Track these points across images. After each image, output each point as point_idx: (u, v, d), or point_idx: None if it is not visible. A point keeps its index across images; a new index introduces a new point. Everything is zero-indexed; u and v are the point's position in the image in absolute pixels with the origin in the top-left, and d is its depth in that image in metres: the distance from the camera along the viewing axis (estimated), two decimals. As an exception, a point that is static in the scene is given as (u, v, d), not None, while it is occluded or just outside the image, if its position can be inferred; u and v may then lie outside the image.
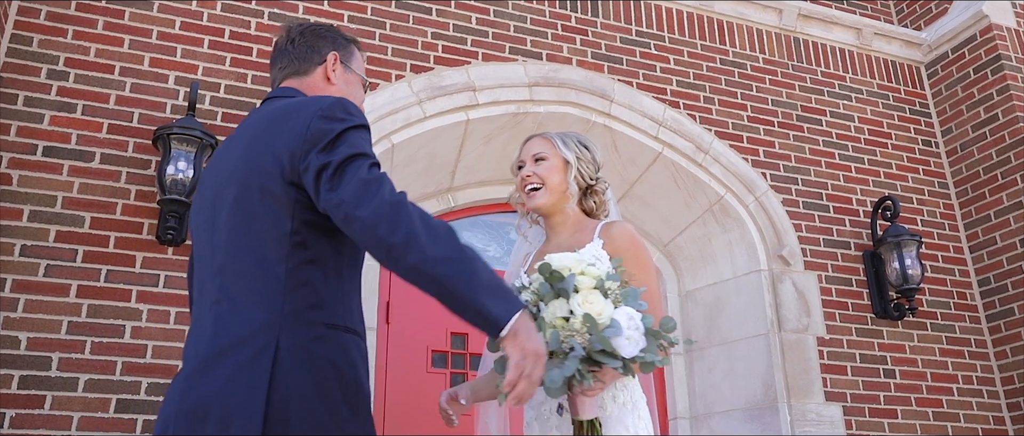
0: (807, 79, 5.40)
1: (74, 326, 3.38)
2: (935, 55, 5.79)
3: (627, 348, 1.82)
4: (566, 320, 1.83)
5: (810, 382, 4.57)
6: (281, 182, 1.70)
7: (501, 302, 1.59)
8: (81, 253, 3.49)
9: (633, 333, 1.83)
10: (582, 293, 1.86)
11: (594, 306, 1.83)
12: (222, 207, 1.78)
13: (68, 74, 3.72)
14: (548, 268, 1.88)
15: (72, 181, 3.57)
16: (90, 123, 3.68)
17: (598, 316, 1.81)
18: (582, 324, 1.81)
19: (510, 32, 4.69)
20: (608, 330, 1.80)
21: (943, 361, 4.98)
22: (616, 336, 1.80)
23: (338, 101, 1.77)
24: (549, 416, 2.07)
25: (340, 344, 1.68)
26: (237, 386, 1.56)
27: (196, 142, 3.55)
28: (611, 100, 4.76)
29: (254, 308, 1.65)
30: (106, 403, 3.33)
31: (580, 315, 1.82)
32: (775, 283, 4.74)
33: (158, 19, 3.97)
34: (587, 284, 1.87)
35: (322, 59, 2.02)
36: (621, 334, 1.80)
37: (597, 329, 1.80)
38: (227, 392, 1.57)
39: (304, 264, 1.68)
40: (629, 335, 1.82)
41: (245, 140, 1.84)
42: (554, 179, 2.28)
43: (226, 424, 1.54)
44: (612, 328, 1.80)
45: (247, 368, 1.58)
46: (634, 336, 1.83)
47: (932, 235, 5.29)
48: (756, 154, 5.02)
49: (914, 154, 5.52)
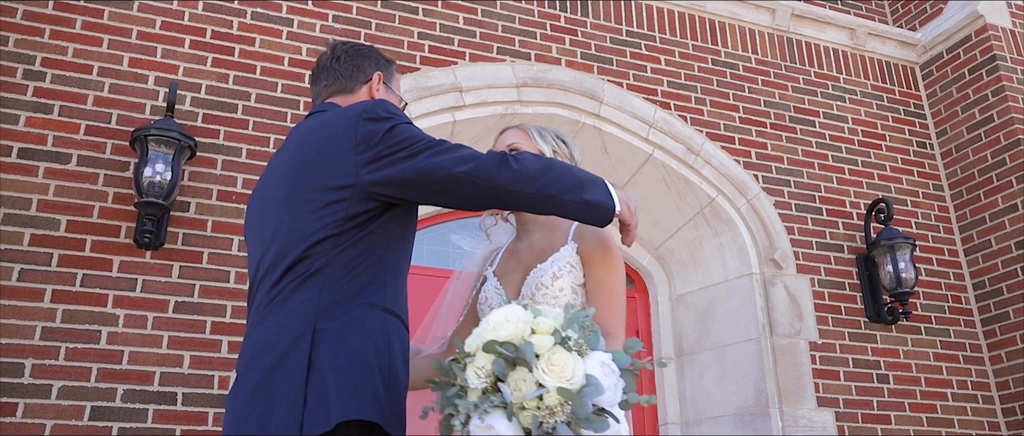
0: (800, 80, 5.34)
1: (48, 332, 3.31)
2: (930, 56, 5.73)
3: (610, 400, 1.57)
4: (540, 399, 1.53)
5: (802, 387, 4.51)
6: (328, 186, 1.78)
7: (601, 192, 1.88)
8: (56, 257, 3.42)
9: (612, 381, 1.59)
10: (544, 357, 1.55)
11: (563, 370, 1.54)
12: (271, 216, 1.87)
13: (45, 74, 3.65)
14: (494, 345, 1.56)
15: (48, 183, 3.50)
16: (67, 124, 3.61)
17: (571, 382, 1.53)
18: (559, 401, 1.52)
19: (498, 32, 4.62)
20: (587, 390, 1.54)
21: (937, 366, 4.91)
22: (598, 396, 1.55)
23: (378, 102, 1.86)
24: None
25: (376, 321, 1.73)
26: (278, 377, 1.63)
27: (174, 144, 3.48)
28: (601, 101, 4.70)
29: (298, 305, 1.71)
30: (80, 411, 3.26)
31: (553, 389, 1.52)
32: (767, 287, 4.67)
33: (138, 18, 3.90)
34: (546, 344, 1.57)
35: (367, 78, 2.09)
36: (603, 392, 1.55)
37: (578, 399, 1.52)
38: (270, 384, 1.63)
39: (349, 260, 1.76)
40: (610, 385, 1.57)
41: (291, 151, 1.92)
42: None
43: (267, 416, 1.59)
44: (591, 388, 1.54)
45: (287, 360, 1.64)
46: (613, 384, 1.59)
47: (926, 238, 5.23)
48: (748, 156, 4.95)
49: (908, 156, 5.46)
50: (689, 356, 4.88)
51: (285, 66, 4.08)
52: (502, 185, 1.78)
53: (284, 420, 1.58)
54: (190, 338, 3.49)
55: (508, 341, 1.57)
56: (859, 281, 4.91)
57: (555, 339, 1.58)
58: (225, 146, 3.83)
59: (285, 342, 1.66)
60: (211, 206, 3.72)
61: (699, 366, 4.81)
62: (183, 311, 3.52)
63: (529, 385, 1.54)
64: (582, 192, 1.86)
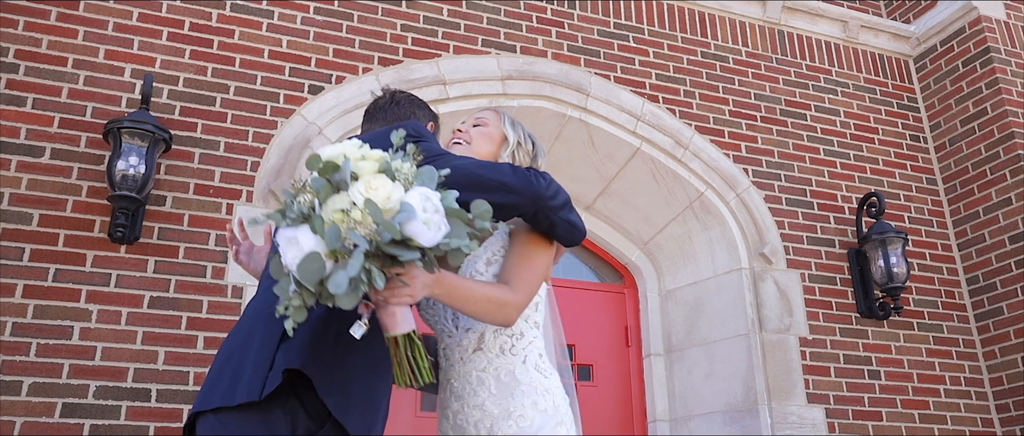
0: (791, 73, 5.27)
1: (19, 327, 3.26)
2: (924, 48, 5.66)
3: (425, 235, 1.50)
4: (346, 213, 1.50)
5: (792, 384, 4.44)
6: None
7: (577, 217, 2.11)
8: (28, 251, 3.36)
9: (432, 216, 1.52)
10: (363, 179, 1.53)
11: (379, 192, 1.50)
12: None
13: (18, 66, 3.59)
14: (317, 160, 1.54)
15: (20, 177, 3.44)
16: (40, 117, 3.55)
17: (384, 201, 1.49)
18: (364, 213, 1.48)
19: (483, 24, 4.56)
20: (399, 216, 1.48)
21: (930, 362, 4.85)
22: (409, 221, 1.49)
23: (413, 123, 2.06)
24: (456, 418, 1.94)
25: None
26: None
27: (148, 136, 3.42)
28: (588, 94, 4.64)
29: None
30: (51, 407, 3.21)
31: (361, 203, 1.49)
32: (756, 282, 4.61)
33: (114, 10, 3.84)
34: (369, 168, 1.55)
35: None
36: (415, 217, 1.49)
37: (383, 216, 1.47)
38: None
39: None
40: (427, 219, 1.51)
41: None
42: (483, 146, 2.14)
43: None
44: (403, 213, 1.49)
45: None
46: (433, 220, 1.52)
47: (919, 232, 5.16)
48: (738, 149, 4.89)
49: (901, 149, 5.39)
50: (678, 352, 4.82)
51: (265, 58, 4.03)
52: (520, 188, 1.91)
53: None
54: (165, 334, 3.44)
55: (330, 160, 1.53)
56: (850, 276, 4.84)
57: (381, 167, 1.56)
58: (203, 139, 3.78)
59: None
60: (188, 200, 3.66)
61: (688, 362, 4.75)
62: (158, 306, 3.47)
63: (344, 203, 1.51)
64: (571, 213, 2.02)
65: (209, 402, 1.75)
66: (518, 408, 1.86)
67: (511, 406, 1.86)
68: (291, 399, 1.74)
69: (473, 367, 1.94)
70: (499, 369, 1.92)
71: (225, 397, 1.73)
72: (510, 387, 1.89)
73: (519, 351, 1.94)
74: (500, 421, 1.86)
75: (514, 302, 1.87)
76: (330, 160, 1.55)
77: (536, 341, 1.98)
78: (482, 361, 1.94)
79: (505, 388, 1.89)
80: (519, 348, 1.94)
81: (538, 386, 1.90)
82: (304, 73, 4.07)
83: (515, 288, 1.89)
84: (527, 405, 1.87)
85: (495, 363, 1.93)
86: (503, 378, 1.91)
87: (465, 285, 1.82)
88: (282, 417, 1.74)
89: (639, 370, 4.91)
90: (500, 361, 1.93)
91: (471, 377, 1.93)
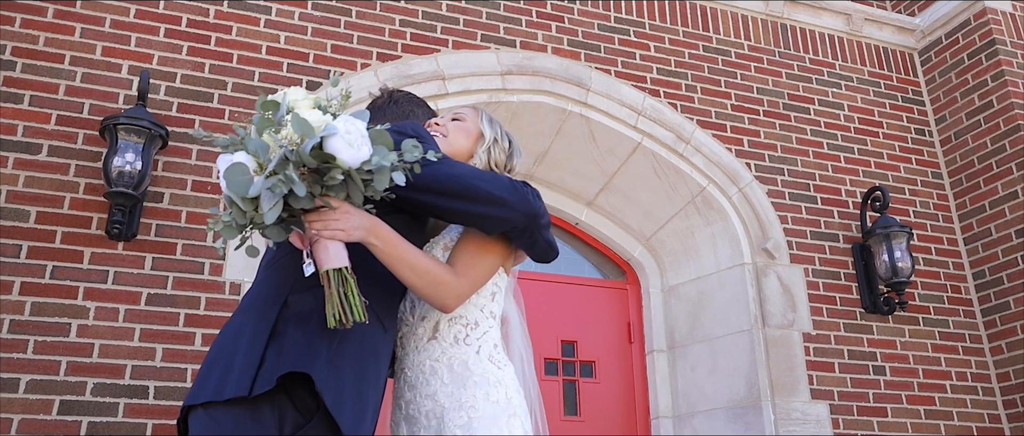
0: (794, 66, 5.23)
1: (16, 325, 3.25)
2: (929, 41, 5.61)
3: (346, 152, 1.59)
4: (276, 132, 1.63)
5: (795, 379, 4.40)
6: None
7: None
8: (25, 249, 3.36)
9: (355, 138, 1.61)
10: (297, 111, 1.64)
11: (309, 115, 1.62)
12: None
13: (15, 63, 3.59)
14: (262, 99, 1.68)
15: (17, 174, 3.44)
16: (38, 114, 3.55)
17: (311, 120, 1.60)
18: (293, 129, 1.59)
19: (482, 19, 4.53)
20: (322, 131, 1.58)
21: (936, 357, 4.80)
22: (332, 136, 1.58)
23: (412, 123, 2.03)
24: (408, 408, 1.93)
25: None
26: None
27: (144, 133, 3.41)
28: (588, 89, 4.61)
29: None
30: (48, 405, 3.20)
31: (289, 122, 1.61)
32: (759, 277, 4.57)
33: (112, 7, 3.83)
34: (306, 105, 1.67)
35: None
36: (337, 134, 1.58)
37: (312, 130, 1.57)
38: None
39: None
40: (350, 141, 1.60)
41: None
42: (459, 140, 2.13)
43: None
44: (326, 130, 1.59)
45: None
46: (355, 141, 1.61)
47: (925, 227, 5.12)
48: (740, 144, 4.85)
49: (906, 143, 5.34)
50: (681, 348, 4.78)
51: (263, 54, 4.01)
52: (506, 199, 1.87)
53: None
54: (163, 331, 3.43)
55: (272, 99, 1.69)
56: (855, 271, 4.80)
57: (315, 104, 1.69)
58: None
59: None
60: (185, 197, 3.65)
61: (691, 359, 4.71)
62: (156, 303, 3.46)
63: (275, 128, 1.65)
64: (549, 232, 2.02)
65: (199, 396, 1.74)
66: (470, 399, 1.84)
67: (462, 397, 1.85)
68: (280, 394, 1.73)
69: (427, 356, 1.92)
70: (452, 359, 1.90)
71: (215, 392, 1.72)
72: (462, 377, 1.87)
73: (473, 341, 1.93)
74: (450, 411, 1.84)
75: (452, 285, 1.85)
76: (272, 99, 1.69)
77: (491, 332, 1.96)
78: (436, 350, 1.92)
79: (458, 378, 1.88)
80: (473, 338, 1.93)
81: (491, 377, 1.88)
82: (302, 69, 4.05)
83: (458, 273, 1.88)
84: (479, 396, 1.85)
85: (449, 353, 1.91)
86: (456, 368, 1.89)
87: (404, 247, 1.80)
88: (271, 412, 1.73)
89: (642, 366, 4.88)
90: (454, 351, 1.91)
91: (425, 366, 1.92)
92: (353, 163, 1.62)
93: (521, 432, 1.85)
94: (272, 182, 1.58)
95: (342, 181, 1.66)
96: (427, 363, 1.91)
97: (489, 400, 1.84)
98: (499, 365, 1.92)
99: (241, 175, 1.62)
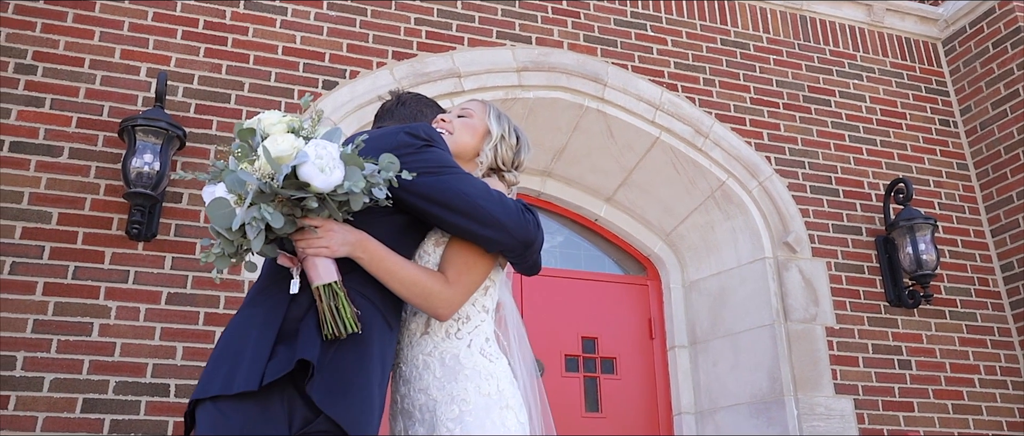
0: (814, 58, 5.17)
1: (40, 324, 3.30)
2: (952, 30, 5.52)
3: (318, 177, 1.65)
4: (251, 163, 1.68)
5: (819, 374, 4.35)
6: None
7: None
8: (48, 250, 3.40)
9: (326, 163, 1.66)
10: (271, 138, 1.69)
11: (279, 142, 1.67)
12: None
13: (36, 68, 3.64)
14: (239, 126, 1.73)
15: (39, 176, 3.49)
16: (59, 117, 3.60)
17: (281, 148, 1.66)
18: (263, 159, 1.65)
19: (497, 16, 4.53)
20: (294, 160, 1.64)
21: (963, 351, 4.72)
22: (303, 163, 1.64)
23: (423, 125, 2.00)
24: (403, 402, 1.93)
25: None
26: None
27: (162, 134, 3.45)
28: (605, 84, 4.58)
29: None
30: (72, 403, 3.24)
31: (262, 154, 1.66)
32: (780, 271, 4.52)
33: (130, 10, 3.88)
34: (278, 129, 1.72)
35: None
36: (308, 161, 1.64)
37: (274, 158, 1.64)
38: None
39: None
40: (322, 165, 1.65)
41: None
42: (465, 137, 2.11)
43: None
44: (298, 158, 1.65)
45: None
46: (327, 166, 1.66)
47: (950, 219, 5.03)
48: (760, 137, 4.81)
49: (930, 134, 5.26)
50: (703, 344, 4.75)
51: (279, 55, 4.04)
52: (503, 221, 1.87)
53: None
54: (183, 329, 3.46)
55: (248, 126, 1.73)
56: (878, 264, 4.74)
57: (288, 128, 1.73)
58: (218, 136, 3.80)
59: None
60: (204, 197, 3.68)
61: (713, 354, 4.68)
62: (176, 302, 3.49)
63: (251, 157, 1.70)
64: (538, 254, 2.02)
65: (208, 390, 1.74)
66: (461, 392, 1.84)
67: (454, 390, 1.85)
68: (289, 388, 1.73)
69: (420, 351, 1.92)
70: (444, 353, 1.90)
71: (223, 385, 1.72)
72: (454, 371, 1.87)
73: (464, 335, 1.92)
74: (442, 405, 1.84)
75: (445, 295, 1.86)
76: (248, 126, 1.74)
77: (483, 326, 1.95)
78: (428, 345, 1.92)
79: (449, 372, 1.87)
80: (464, 332, 1.93)
81: (482, 370, 1.88)
82: (318, 69, 4.07)
83: (451, 281, 1.88)
84: (470, 389, 1.84)
85: (441, 347, 1.91)
86: (448, 362, 1.89)
87: (393, 260, 1.82)
88: (280, 406, 1.73)
89: (663, 362, 4.85)
90: (445, 345, 1.91)
91: (418, 361, 1.92)
92: (325, 188, 1.68)
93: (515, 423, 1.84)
94: (251, 215, 1.64)
95: (320, 204, 1.72)
96: (420, 357, 1.92)
97: (480, 393, 1.84)
98: (491, 358, 1.91)
99: (223, 208, 1.69)
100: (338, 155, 1.70)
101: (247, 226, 1.66)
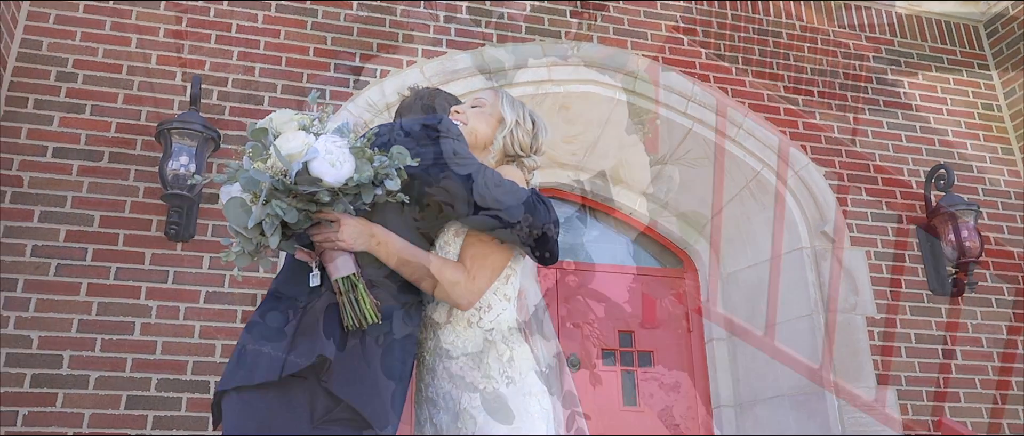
0: (850, 45, 5.08)
1: (84, 324, 3.39)
2: (995, 12, 5.38)
3: (329, 172, 1.68)
4: (264, 162, 1.73)
5: (859, 364, 4.28)
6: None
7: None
8: (90, 252, 3.50)
9: (337, 158, 1.69)
10: (283, 136, 1.72)
11: (289, 140, 1.71)
12: None
13: (77, 75, 3.74)
14: (252, 126, 1.77)
15: (81, 181, 3.59)
16: (99, 123, 3.70)
17: (292, 146, 1.70)
18: (276, 157, 1.69)
19: (526, 11, 4.54)
20: (305, 155, 1.68)
21: (1011, 340, 4.60)
22: (313, 159, 1.67)
23: (443, 117, 2.03)
24: (427, 390, 1.95)
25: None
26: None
27: (197, 136, 3.52)
28: (636, 77, 4.56)
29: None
30: (116, 400, 3.33)
31: (273, 152, 1.70)
32: (818, 261, 4.46)
33: (165, 17, 3.97)
34: (291, 127, 1.76)
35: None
36: (318, 157, 1.67)
37: (284, 154, 1.68)
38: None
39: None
40: (332, 160, 1.68)
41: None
42: (480, 127, 2.11)
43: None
44: (309, 154, 1.68)
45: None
46: (337, 161, 1.69)
47: (995, 205, 4.91)
48: (795, 126, 4.74)
49: (973, 119, 5.14)
50: (741, 335, 4.69)
51: (310, 56, 4.10)
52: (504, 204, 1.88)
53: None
54: (221, 327, 3.53)
55: (261, 126, 1.78)
56: (920, 252, 4.64)
57: (300, 125, 1.77)
58: (253, 138, 3.86)
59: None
60: (240, 197, 3.75)
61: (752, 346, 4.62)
62: (214, 301, 3.56)
63: (264, 155, 1.74)
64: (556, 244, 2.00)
65: (231, 381, 1.79)
66: (483, 380, 1.85)
67: (477, 378, 1.87)
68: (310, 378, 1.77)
69: (442, 340, 1.94)
70: (466, 342, 1.92)
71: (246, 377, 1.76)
72: (476, 359, 1.89)
73: (486, 323, 1.94)
74: (466, 392, 1.85)
75: (465, 285, 1.87)
76: (260, 126, 1.78)
77: (505, 314, 1.96)
78: (451, 334, 1.94)
79: (472, 360, 1.89)
80: (486, 321, 1.94)
81: (504, 358, 1.89)
82: (349, 69, 4.13)
83: (470, 271, 1.89)
84: (492, 376, 1.86)
85: (463, 336, 1.93)
86: (470, 350, 1.90)
87: (410, 251, 1.84)
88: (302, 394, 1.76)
89: (701, 355, 4.81)
90: (468, 334, 1.93)
91: (440, 350, 1.94)
92: (336, 182, 1.71)
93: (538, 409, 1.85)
94: (266, 212, 1.69)
95: (333, 198, 1.75)
96: (442, 347, 1.93)
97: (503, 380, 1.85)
98: (512, 346, 1.92)
99: (239, 208, 1.74)
100: (348, 149, 1.74)
101: (263, 223, 1.69)
